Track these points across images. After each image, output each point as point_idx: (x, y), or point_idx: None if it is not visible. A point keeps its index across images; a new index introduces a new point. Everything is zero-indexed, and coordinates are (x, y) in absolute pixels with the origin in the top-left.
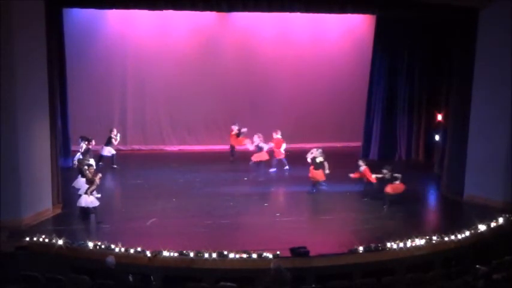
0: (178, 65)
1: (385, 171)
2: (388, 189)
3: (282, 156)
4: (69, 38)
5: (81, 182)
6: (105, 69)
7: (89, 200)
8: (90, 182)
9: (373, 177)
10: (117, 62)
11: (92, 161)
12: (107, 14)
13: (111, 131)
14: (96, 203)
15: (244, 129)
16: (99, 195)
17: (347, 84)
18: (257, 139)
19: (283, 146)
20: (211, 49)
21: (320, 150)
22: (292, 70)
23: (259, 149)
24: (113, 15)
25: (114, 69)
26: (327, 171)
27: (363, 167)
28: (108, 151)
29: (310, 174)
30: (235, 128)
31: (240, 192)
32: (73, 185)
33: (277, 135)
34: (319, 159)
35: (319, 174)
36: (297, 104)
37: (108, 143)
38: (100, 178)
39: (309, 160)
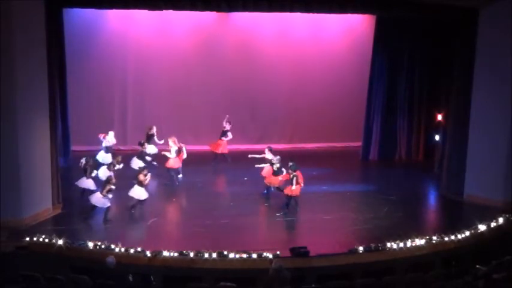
0: (179, 65)
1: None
2: (287, 190)
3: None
4: (69, 37)
5: (85, 182)
6: (105, 69)
7: (101, 200)
8: (107, 181)
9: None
10: (117, 62)
11: (140, 163)
12: (107, 13)
13: (150, 128)
14: (108, 204)
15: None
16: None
17: (347, 84)
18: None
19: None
20: (211, 48)
21: (278, 157)
22: (292, 69)
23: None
24: (113, 15)
25: (114, 69)
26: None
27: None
28: (151, 149)
29: (267, 179)
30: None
31: (240, 192)
32: (76, 183)
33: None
34: (276, 166)
35: (275, 180)
36: (297, 104)
37: (148, 140)
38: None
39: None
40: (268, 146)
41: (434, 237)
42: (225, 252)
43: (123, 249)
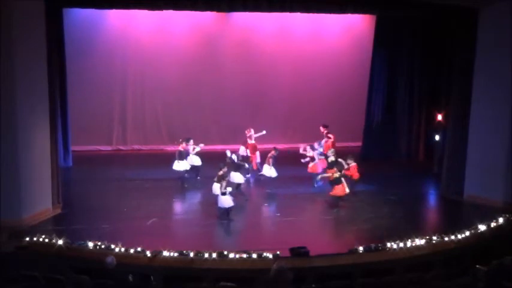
0: (179, 64)
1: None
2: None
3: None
4: (69, 36)
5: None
6: (105, 68)
7: (225, 201)
8: (220, 178)
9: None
10: (117, 62)
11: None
12: (107, 13)
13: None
14: (231, 204)
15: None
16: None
17: (347, 85)
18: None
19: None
20: (211, 47)
21: (333, 150)
22: (292, 69)
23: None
24: (113, 14)
25: (114, 68)
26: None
27: (352, 164)
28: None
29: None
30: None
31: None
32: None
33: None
34: (331, 159)
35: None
36: (297, 104)
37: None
38: None
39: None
40: (310, 143)
41: (434, 237)
42: (225, 252)
43: (123, 249)
